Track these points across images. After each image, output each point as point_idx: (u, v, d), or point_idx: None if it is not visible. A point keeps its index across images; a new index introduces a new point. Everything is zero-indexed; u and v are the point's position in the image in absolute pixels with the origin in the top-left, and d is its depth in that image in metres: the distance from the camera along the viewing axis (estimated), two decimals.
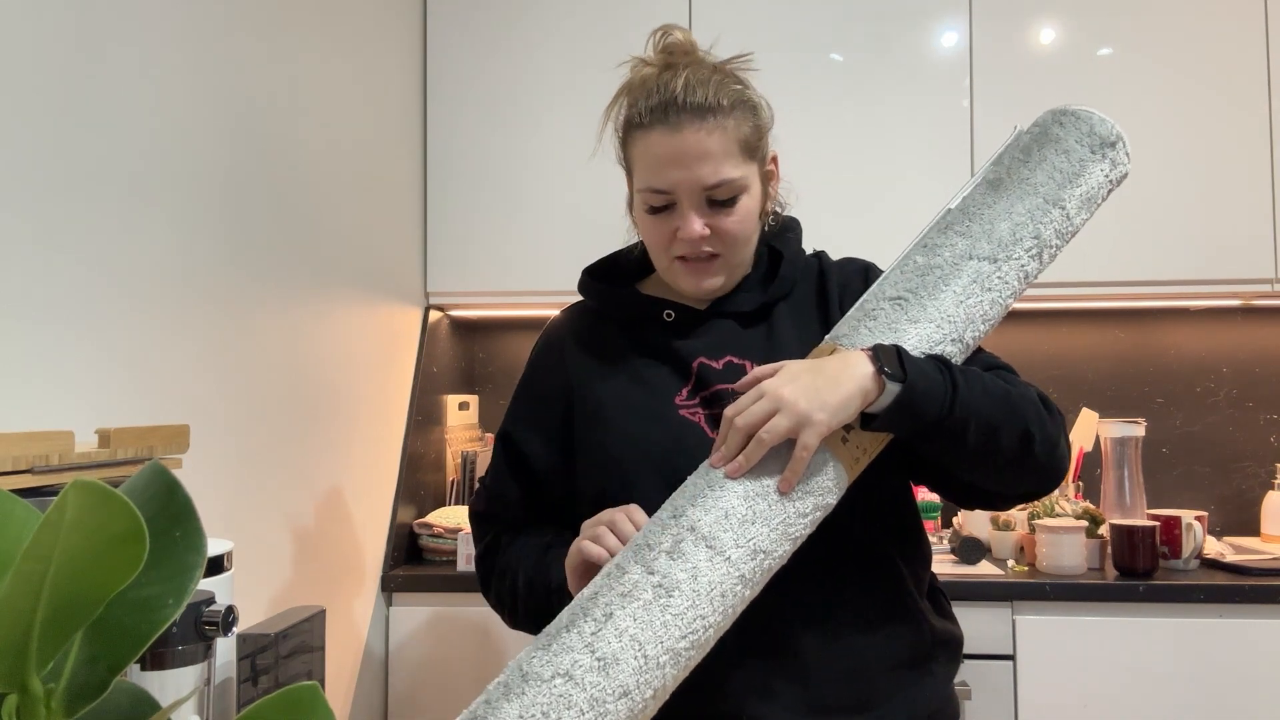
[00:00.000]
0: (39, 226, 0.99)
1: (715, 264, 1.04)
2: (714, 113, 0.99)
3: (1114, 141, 1.01)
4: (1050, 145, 1.01)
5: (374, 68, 1.90)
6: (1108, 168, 1.01)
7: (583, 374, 1.10)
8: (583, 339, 1.13)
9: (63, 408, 1.01)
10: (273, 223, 1.47)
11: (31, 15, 0.98)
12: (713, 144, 0.99)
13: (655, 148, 1.00)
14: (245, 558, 1.36)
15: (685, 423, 1.02)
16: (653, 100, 1.01)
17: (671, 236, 1.02)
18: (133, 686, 0.56)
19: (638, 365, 1.07)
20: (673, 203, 1.01)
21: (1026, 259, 0.97)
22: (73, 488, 0.42)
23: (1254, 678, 1.74)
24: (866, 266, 1.15)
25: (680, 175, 0.99)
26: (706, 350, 1.05)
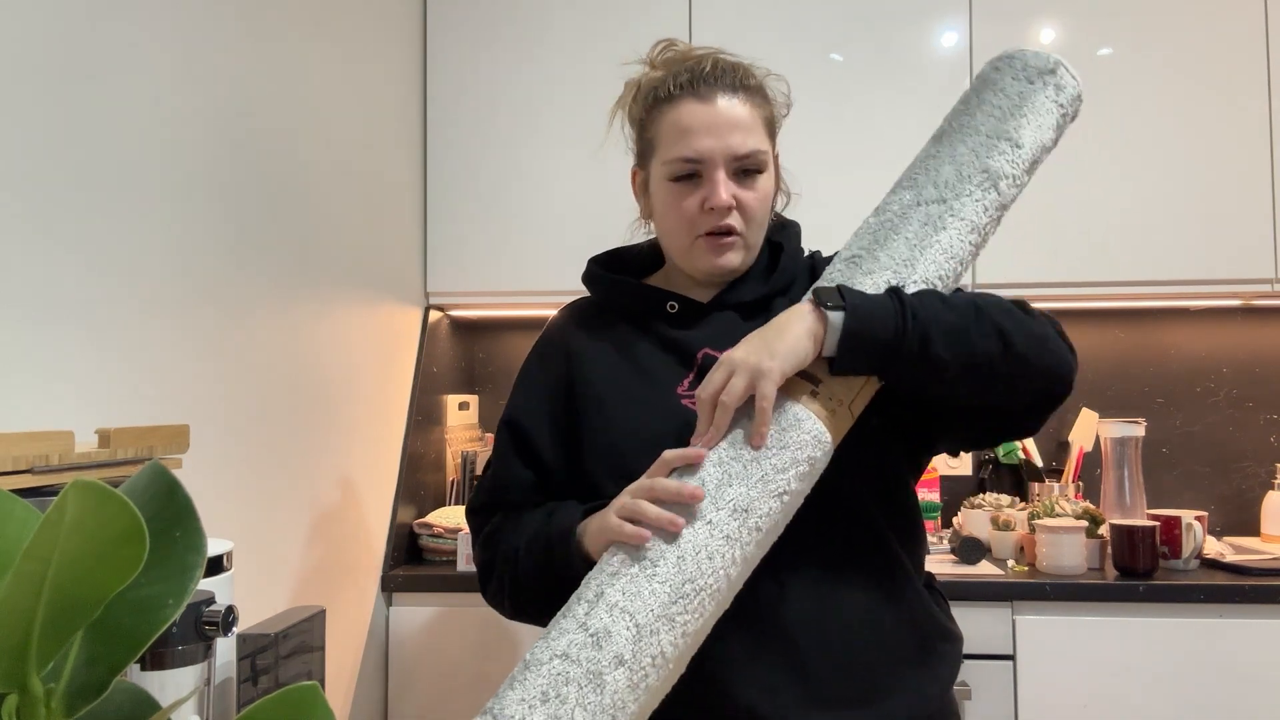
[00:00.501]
0: (39, 226, 0.99)
1: (736, 241, 1.05)
2: (743, 89, 1.03)
3: (1052, 69, 1.02)
4: (988, 89, 1.02)
5: (374, 68, 1.90)
6: (1052, 92, 1.02)
7: (585, 364, 1.10)
8: (585, 331, 1.14)
9: (63, 408, 1.01)
10: (273, 223, 1.47)
11: (31, 16, 0.98)
12: (744, 114, 1.02)
13: (686, 117, 1.02)
14: (245, 558, 1.36)
15: (687, 412, 1.00)
16: (684, 76, 1.03)
17: (697, 209, 1.03)
18: (133, 686, 0.56)
19: (641, 355, 1.08)
20: (698, 173, 1.03)
21: (979, 192, 0.97)
22: (73, 488, 0.42)
23: (1254, 678, 1.74)
24: None
25: (712, 142, 1.01)
26: (710, 341, 1.06)
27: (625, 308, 1.13)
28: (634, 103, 1.10)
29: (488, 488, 1.13)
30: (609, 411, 1.06)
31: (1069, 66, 1.04)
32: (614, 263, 1.20)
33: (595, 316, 1.15)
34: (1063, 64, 1.03)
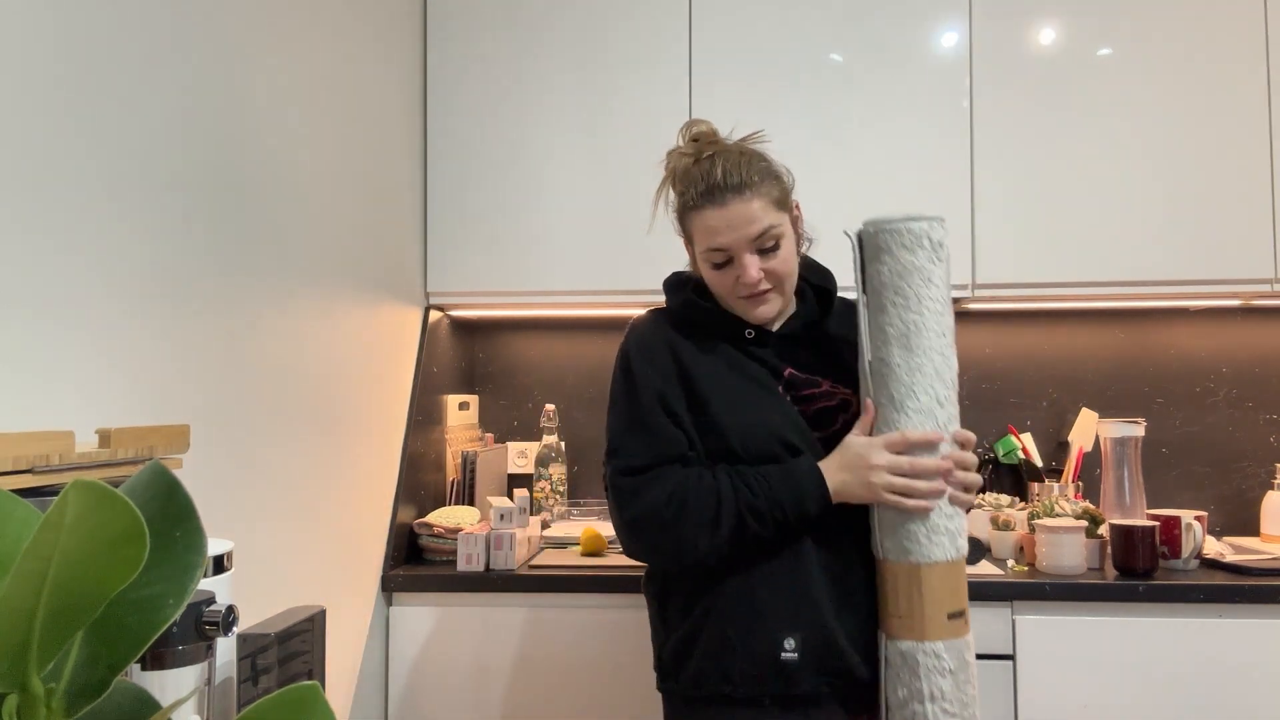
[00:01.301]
0: (39, 226, 0.99)
1: (770, 295, 1.33)
2: (749, 187, 1.29)
3: (937, 243, 1.29)
4: (896, 289, 1.28)
5: (374, 68, 1.90)
6: (930, 258, 1.28)
7: (696, 363, 1.35)
8: (685, 339, 1.37)
9: (63, 408, 1.01)
10: (273, 222, 1.47)
11: (31, 15, 0.98)
12: (753, 209, 1.28)
13: (709, 221, 1.30)
14: (245, 558, 1.35)
15: (792, 410, 1.33)
16: (700, 187, 1.31)
17: (734, 283, 1.32)
18: (133, 686, 0.57)
19: (741, 363, 1.36)
20: (730, 258, 1.31)
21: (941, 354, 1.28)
22: (73, 488, 0.42)
23: (1254, 678, 1.74)
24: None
25: (733, 236, 1.29)
26: (792, 364, 1.37)
27: (712, 327, 1.38)
28: (665, 200, 1.40)
29: (656, 446, 1.31)
30: (740, 406, 1.32)
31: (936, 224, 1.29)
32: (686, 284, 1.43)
33: (686, 331, 1.38)
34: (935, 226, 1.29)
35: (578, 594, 1.86)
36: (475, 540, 1.90)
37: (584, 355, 2.46)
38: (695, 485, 1.28)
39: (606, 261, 2.12)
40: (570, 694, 1.86)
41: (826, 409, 1.35)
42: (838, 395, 1.36)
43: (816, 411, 1.34)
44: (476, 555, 1.89)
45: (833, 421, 1.34)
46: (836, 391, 1.36)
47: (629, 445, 1.33)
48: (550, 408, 2.32)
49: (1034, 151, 2.06)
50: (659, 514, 1.28)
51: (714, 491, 1.27)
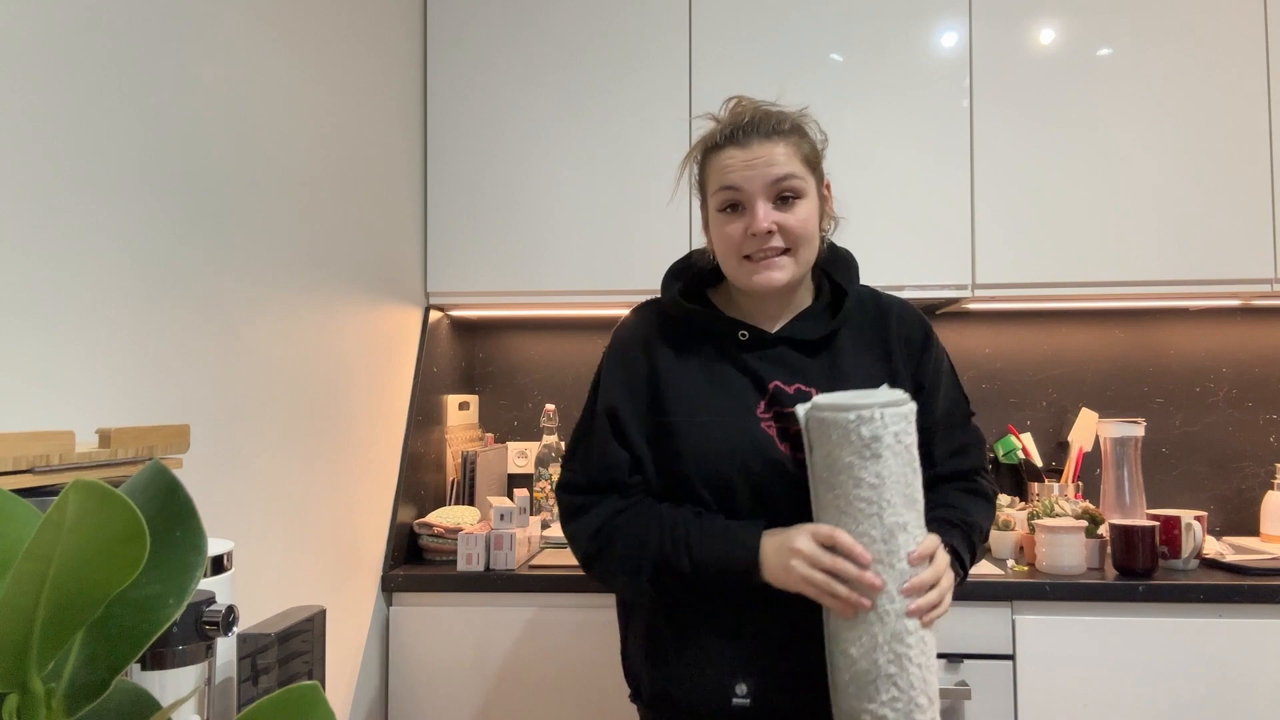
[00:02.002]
0: (39, 226, 0.99)
1: (781, 260, 1.21)
2: (778, 132, 1.20)
3: (871, 440, 1.11)
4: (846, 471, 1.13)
5: (374, 68, 1.90)
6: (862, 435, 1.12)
7: (670, 369, 1.26)
8: (667, 343, 1.28)
9: (63, 408, 1.01)
10: (273, 223, 1.47)
11: (29, 16, 0.98)
12: (778, 153, 1.19)
13: (727, 160, 1.20)
14: (245, 558, 1.35)
15: (764, 434, 1.21)
16: (725, 129, 1.22)
17: (742, 234, 1.20)
18: (133, 686, 0.57)
19: (722, 375, 1.25)
20: (742, 203, 1.20)
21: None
22: (73, 488, 0.42)
23: (1254, 678, 1.74)
24: (925, 322, 1.33)
25: (748, 174, 1.18)
26: (781, 375, 1.24)
27: (702, 328, 1.27)
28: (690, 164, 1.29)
29: (593, 466, 1.26)
30: (702, 425, 1.22)
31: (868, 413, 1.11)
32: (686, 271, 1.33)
33: (673, 329, 1.29)
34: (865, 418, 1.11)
35: (578, 594, 1.86)
36: (475, 540, 1.90)
37: (584, 355, 2.46)
38: (624, 526, 1.22)
39: (606, 261, 2.12)
40: (570, 694, 1.86)
41: None
42: None
43: (798, 433, 1.19)
44: (476, 555, 1.89)
45: None
46: None
47: (573, 459, 1.29)
48: (550, 408, 2.32)
49: (1034, 151, 2.06)
50: (585, 547, 1.25)
51: (638, 539, 1.20)
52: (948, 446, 1.31)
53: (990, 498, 1.34)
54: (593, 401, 1.30)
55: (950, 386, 1.33)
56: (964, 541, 1.24)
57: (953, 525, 1.24)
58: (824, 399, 1.14)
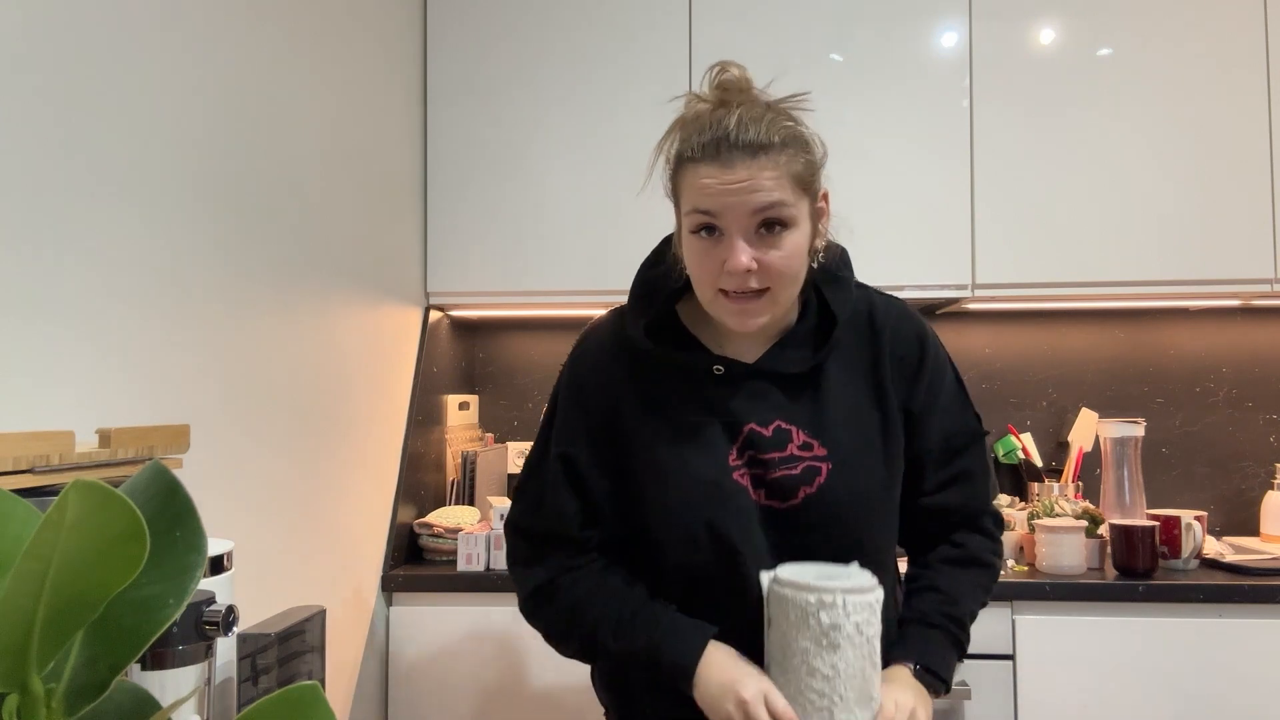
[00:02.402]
0: (39, 226, 0.99)
1: (762, 301, 1.04)
2: (765, 150, 1.00)
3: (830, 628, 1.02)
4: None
5: (374, 67, 1.90)
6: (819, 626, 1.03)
7: (636, 414, 1.13)
8: (630, 368, 1.14)
9: (63, 408, 1.01)
10: (273, 222, 1.47)
11: (31, 13, 0.98)
12: (764, 179, 1.00)
13: (705, 178, 1.01)
14: (245, 558, 1.35)
15: (736, 486, 1.09)
16: (705, 136, 1.02)
17: (718, 267, 1.02)
18: (133, 686, 0.57)
19: (690, 417, 1.11)
20: (719, 228, 1.02)
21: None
22: (73, 488, 0.42)
23: (1254, 678, 1.74)
24: (924, 337, 1.18)
25: (728, 201, 1.00)
26: (757, 414, 1.10)
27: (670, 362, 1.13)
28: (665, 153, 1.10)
29: (542, 515, 1.15)
30: (668, 478, 1.10)
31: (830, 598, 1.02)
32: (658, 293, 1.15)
33: (638, 357, 1.14)
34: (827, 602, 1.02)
35: None
36: (475, 540, 1.90)
37: None
38: (565, 590, 1.12)
39: (607, 261, 2.12)
40: (569, 694, 1.86)
41: (787, 479, 1.09)
42: (803, 462, 1.09)
43: (774, 480, 1.09)
44: (476, 555, 1.89)
45: (793, 494, 1.09)
46: (803, 456, 1.09)
47: (525, 498, 1.17)
48: None
49: (1034, 151, 2.06)
50: (523, 601, 1.17)
51: (573, 609, 1.11)
52: (944, 472, 1.17)
53: (991, 562, 1.19)
54: (545, 436, 1.17)
55: (953, 407, 1.19)
56: (947, 646, 1.12)
57: (932, 626, 1.12)
58: (787, 572, 1.03)
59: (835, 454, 1.10)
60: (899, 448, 1.15)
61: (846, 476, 1.10)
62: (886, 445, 1.13)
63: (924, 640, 1.11)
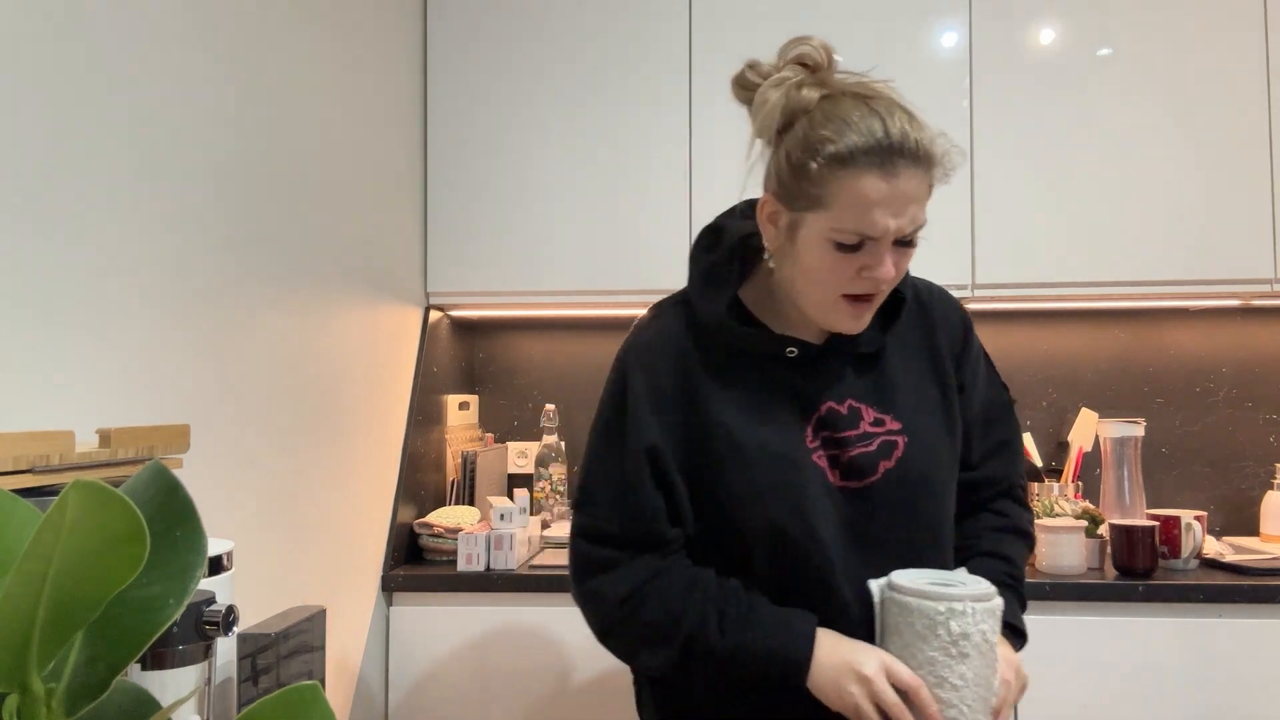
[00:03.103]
0: (39, 226, 0.99)
1: (873, 301, 1.05)
2: (925, 161, 0.98)
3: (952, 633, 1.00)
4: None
5: (374, 67, 1.90)
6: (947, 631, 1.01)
7: (711, 400, 1.09)
8: (702, 353, 1.11)
9: (63, 408, 1.01)
10: (273, 222, 1.47)
11: (32, 12, 0.98)
12: (920, 191, 0.99)
13: (869, 191, 0.97)
14: (245, 558, 1.36)
15: (815, 467, 1.08)
16: (865, 141, 0.97)
17: (853, 273, 1.01)
18: (133, 686, 0.57)
19: (766, 401, 1.10)
20: (863, 243, 1.00)
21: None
22: (73, 488, 0.42)
23: (1254, 678, 1.74)
24: (964, 314, 1.21)
25: (890, 221, 0.98)
26: (832, 394, 1.10)
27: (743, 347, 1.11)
28: (789, 137, 1.02)
29: (626, 514, 1.09)
30: (748, 463, 1.07)
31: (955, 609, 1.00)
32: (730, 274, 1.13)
33: (708, 341, 1.12)
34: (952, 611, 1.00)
35: None
36: (475, 540, 1.90)
37: (584, 355, 2.46)
38: (658, 591, 1.07)
39: (607, 261, 2.12)
40: (570, 694, 1.86)
41: (864, 455, 1.09)
42: (878, 437, 1.09)
43: (851, 460, 1.08)
44: (477, 555, 1.89)
45: (872, 470, 1.09)
46: (876, 432, 1.09)
47: (601, 501, 1.10)
48: (550, 408, 2.32)
49: (1033, 151, 2.06)
50: (608, 612, 1.09)
51: (672, 609, 1.06)
52: (986, 443, 1.21)
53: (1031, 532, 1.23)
54: (613, 434, 1.11)
55: (988, 376, 1.22)
56: (1017, 604, 1.15)
57: (1004, 586, 1.13)
58: (903, 579, 1.01)
59: (909, 428, 1.11)
60: (958, 417, 1.16)
61: (923, 449, 1.11)
62: (948, 420, 1.15)
63: (1002, 598, 1.10)
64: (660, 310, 1.17)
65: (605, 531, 1.10)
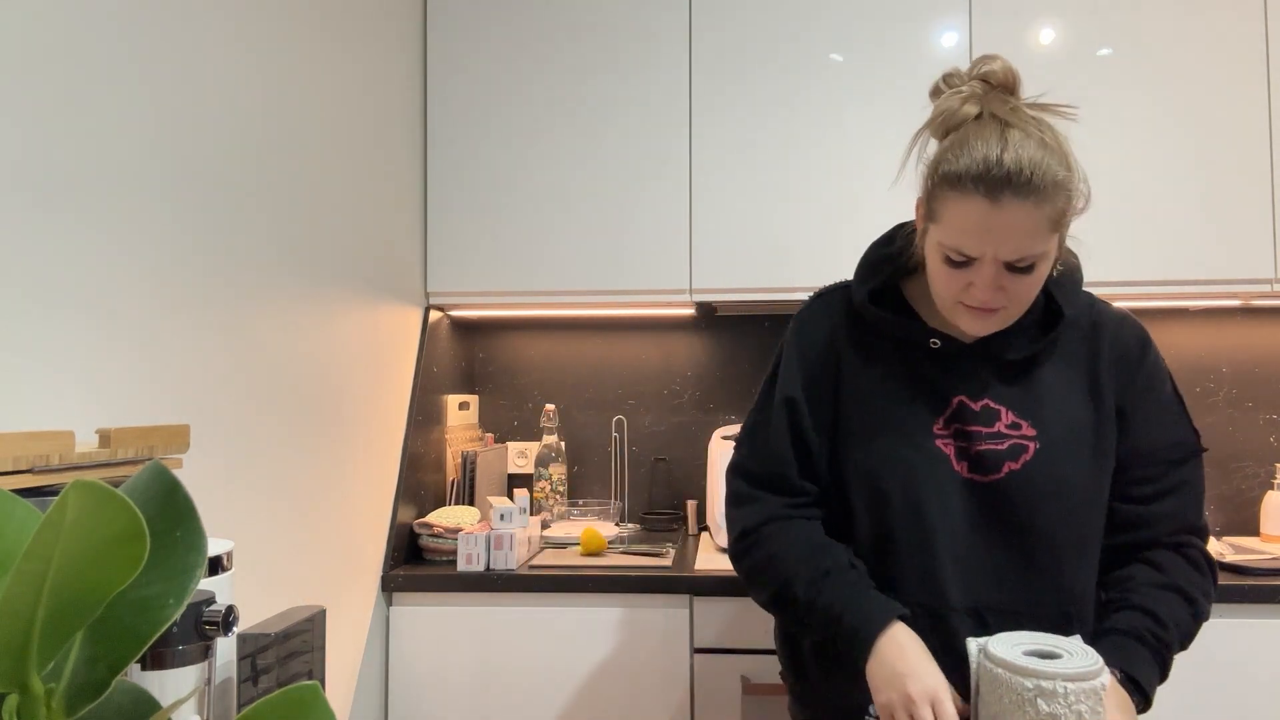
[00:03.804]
0: (39, 226, 0.99)
1: (999, 315, 1.08)
2: (1036, 194, 0.99)
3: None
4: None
5: (374, 67, 1.90)
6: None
7: (853, 374, 1.18)
8: (853, 342, 1.20)
9: (63, 408, 1.01)
10: (273, 222, 1.47)
11: (41, 13, 0.98)
12: (1028, 223, 1.00)
13: (971, 215, 1.01)
14: (245, 558, 1.36)
15: (939, 453, 1.12)
16: (976, 166, 1.00)
17: (963, 287, 1.07)
18: (133, 686, 0.57)
19: (903, 384, 1.16)
20: (970, 260, 1.04)
21: None
22: (73, 488, 0.42)
23: (1254, 678, 1.74)
24: (1145, 340, 1.19)
25: (989, 246, 1.02)
26: (968, 390, 1.14)
27: (890, 332, 1.18)
28: (932, 150, 1.09)
29: (765, 457, 1.21)
30: (873, 436, 1.14)
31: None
32: (887, 263, 1.20)
33: (860, 323, 1.20)
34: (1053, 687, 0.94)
35: (578, 594, 1.86)
36: (475, 540, 1.90)
37: (584, 355, 2.46)
38: (771, 537, 1.16)
39: (606, 262, 2.12)
40: (570, 694, 1.86)
41: (991, 452, 1.11)
42: (1010, 439, 1.11)
43: (979, 453, 1.11)
44: (477, 555, 1.89)
45: (996, 468, 1.10)
46: (1010, 435, 1.11)
47: (749, 445, 1.24)
48: (550, 408, 2.32)
49: None
50: (733, 544, 1.23)
51: (775, 556, 1.15)
52: (1161, 483, 1.15)
53: (1197, 599, 1.11)
54: (770, 385, 1.24)
55: (1170, 416, 1.17)
56: (1152, 664, 1.06)
57: (1139, 640, 1.07)
58: (999, 646, 0.97)
59: (1044, 435, 1.12)
60: (1110, 446, 1.15)
61: (1053, 459, 1.11)
62: (1098, 441, 1.14)
63: (1129, 651, 1.07)
64: (826, 290, 1.27)
65: (747, 469, 1.23)
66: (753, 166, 2.10)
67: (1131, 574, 1.14)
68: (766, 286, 2.08)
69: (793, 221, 2.07)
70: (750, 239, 2.09)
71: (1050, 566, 1.11)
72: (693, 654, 1.84)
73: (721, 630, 1.83)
